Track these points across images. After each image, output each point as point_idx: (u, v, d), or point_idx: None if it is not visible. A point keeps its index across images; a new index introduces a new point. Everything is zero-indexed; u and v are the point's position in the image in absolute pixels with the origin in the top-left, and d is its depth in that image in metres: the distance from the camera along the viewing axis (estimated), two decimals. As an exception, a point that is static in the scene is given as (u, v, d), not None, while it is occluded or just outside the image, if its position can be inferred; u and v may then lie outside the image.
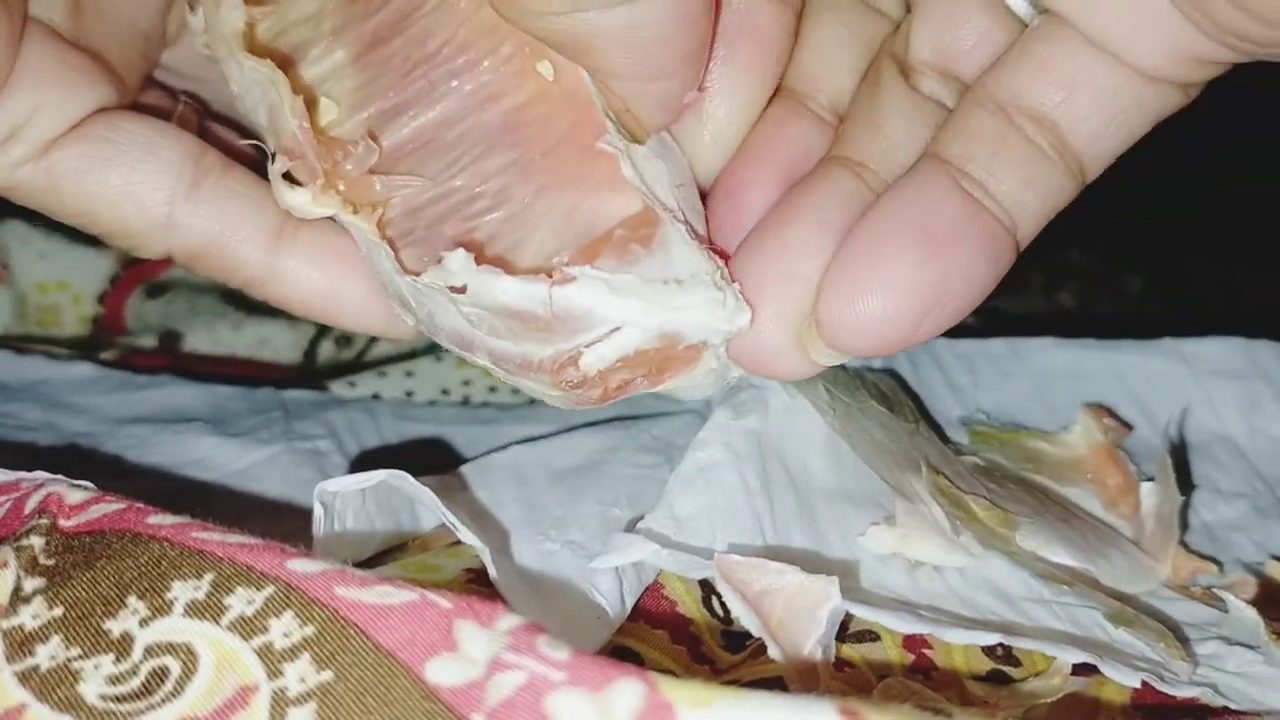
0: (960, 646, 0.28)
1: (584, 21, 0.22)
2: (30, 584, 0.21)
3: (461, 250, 0.24)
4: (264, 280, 0.27)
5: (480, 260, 0.24)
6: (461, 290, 0.23)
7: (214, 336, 0.50)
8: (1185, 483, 0.37)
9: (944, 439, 0.38)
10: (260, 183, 0.27)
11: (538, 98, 0.25)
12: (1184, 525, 0.35)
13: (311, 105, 0.26)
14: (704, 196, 0.27)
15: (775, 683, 0.26)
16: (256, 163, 0.27)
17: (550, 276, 0.23)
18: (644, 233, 0.24)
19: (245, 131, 0.28)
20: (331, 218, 0.26)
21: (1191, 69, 0.23)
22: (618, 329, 0.23)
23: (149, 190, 0.25)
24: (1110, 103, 0.24)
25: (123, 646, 0.20)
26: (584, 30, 0.22)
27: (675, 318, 0.24)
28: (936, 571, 0.31)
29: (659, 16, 0.22)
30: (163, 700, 0.19)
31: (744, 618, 0.27)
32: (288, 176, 0.25)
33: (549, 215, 0.25)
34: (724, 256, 0.25)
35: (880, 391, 0.36)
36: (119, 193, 0.25)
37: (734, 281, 0.24)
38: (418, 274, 0.24)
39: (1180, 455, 0.39)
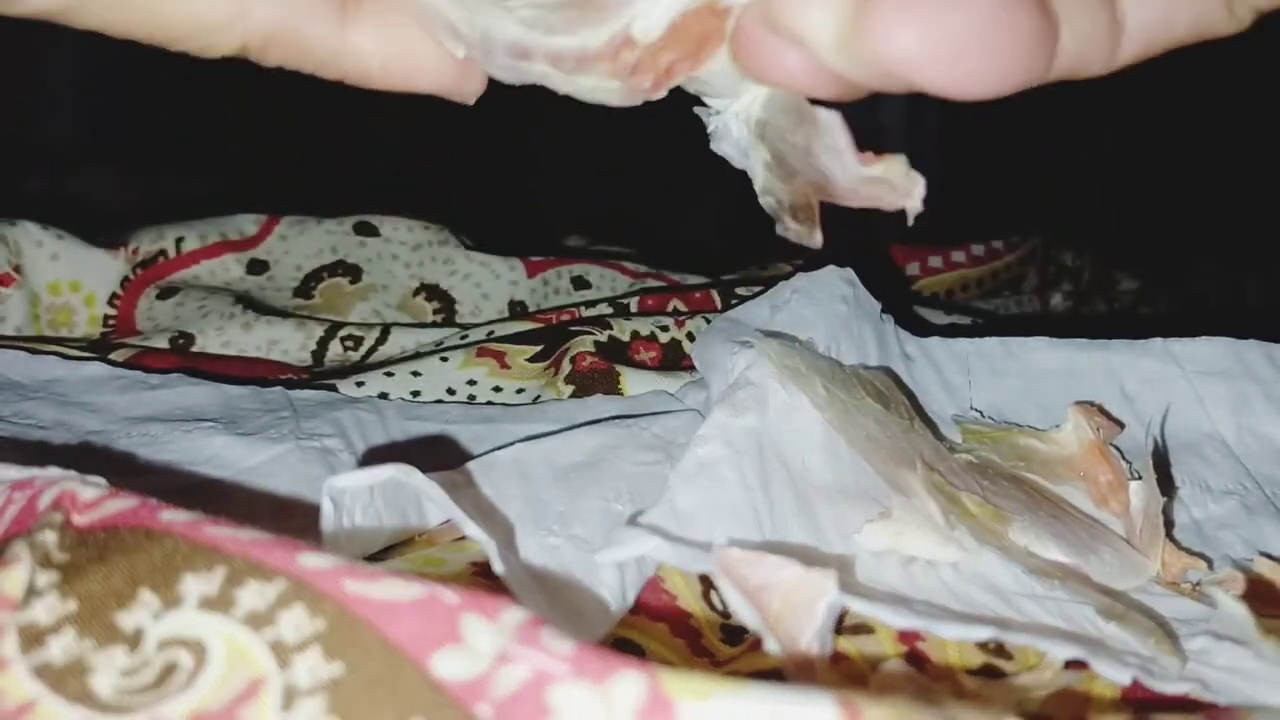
0: (953, 641, 0.29)
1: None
2: (44, 578, 0.21)
3: None
4: (338, 57, 0.27)
5: None
6: None
7: (224, 337, 0.50)
8: (1167, 483, 0.37)
9: (938, 436, 0.38)
10: None
11: None
12: (1170, 523, 0.36)
13: None
14: None
15: (773, 675, 0.27)
16: None
17: None
18: None
19: None
20: None
21: None
22: None
23: None
24: None
25: (135, 640, 0.20)
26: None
27: None
28: (930, 566, 0.32)
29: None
30: (175, 693, 0.19)
31: (741, 611, 0.27)
32: None
33: None
34: None
35: (876, 389, 0.37)
36: None
37: None
38: None
39: (1165, 455, 0.39)
